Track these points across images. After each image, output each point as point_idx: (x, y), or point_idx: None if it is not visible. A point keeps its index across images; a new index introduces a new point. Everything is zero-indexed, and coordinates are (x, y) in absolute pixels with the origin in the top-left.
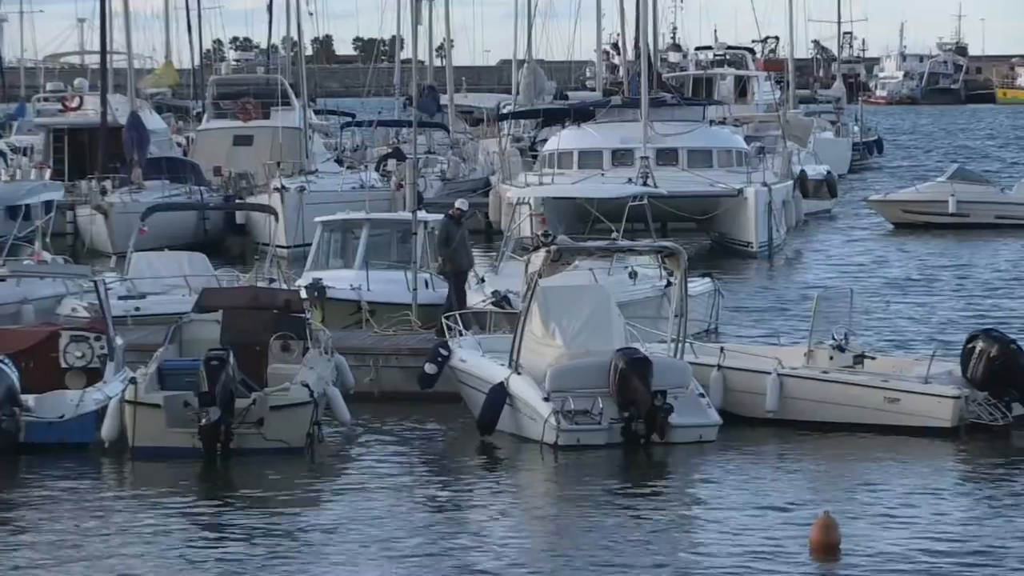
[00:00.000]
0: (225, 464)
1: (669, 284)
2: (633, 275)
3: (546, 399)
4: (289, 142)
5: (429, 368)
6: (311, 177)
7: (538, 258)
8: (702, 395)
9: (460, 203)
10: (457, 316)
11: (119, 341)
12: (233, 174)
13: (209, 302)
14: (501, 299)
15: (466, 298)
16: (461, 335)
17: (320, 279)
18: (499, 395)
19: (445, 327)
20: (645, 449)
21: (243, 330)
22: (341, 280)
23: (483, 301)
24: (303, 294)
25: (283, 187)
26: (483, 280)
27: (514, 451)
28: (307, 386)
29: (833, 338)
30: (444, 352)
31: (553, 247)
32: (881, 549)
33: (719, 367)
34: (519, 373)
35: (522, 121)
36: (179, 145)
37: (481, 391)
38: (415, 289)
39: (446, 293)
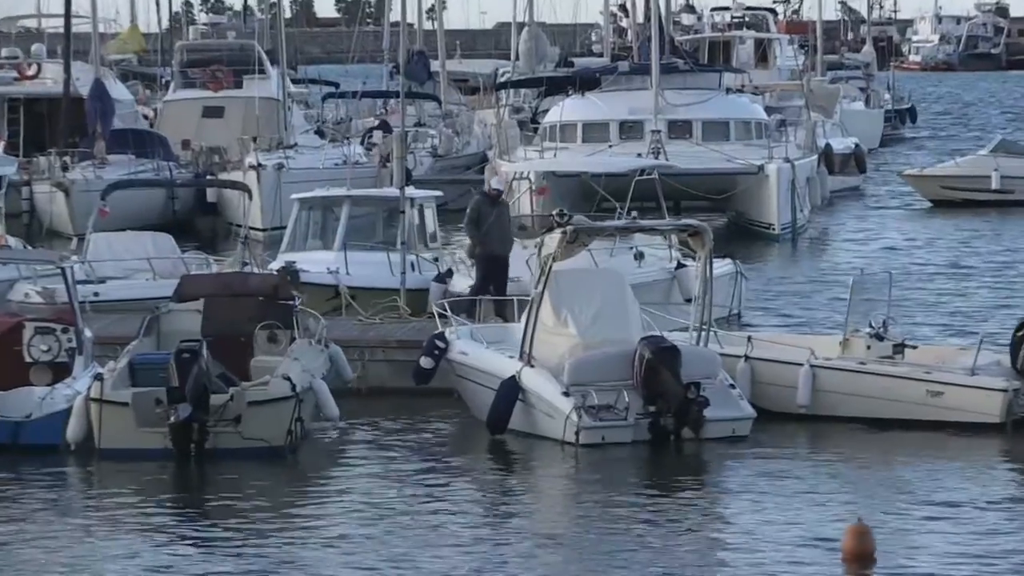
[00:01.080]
0: (200, 466)
1: (680, 266)
2: (639, 256)
3: (565, 394)
4: (266, 114)
5: (425, 362)
6: (290, 152)
7: (553, 239)
8: (732, 386)
9: (496, 182)
10: (446, 304)
11: (88, 333)
12: (204, 149)
13: (189, 290)
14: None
15: (503, 286)
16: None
17: (293, 262)
18: (511, 391)
19: (437, 316)
20: (675, 445)
21: (226, 320)
22: (317, 263)
23: (469, 287)
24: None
25: (259, 164)
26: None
27: (529, 451)
28: (288, 379)
29: (871, 326)
30: (441, 344)
31: (569, 227)
32: (919, 559)
33: (746, 358)
34: (532, 366)
35: (522, 90)
36: (145, 117)
37: (487, 387)
38: (403, 273)
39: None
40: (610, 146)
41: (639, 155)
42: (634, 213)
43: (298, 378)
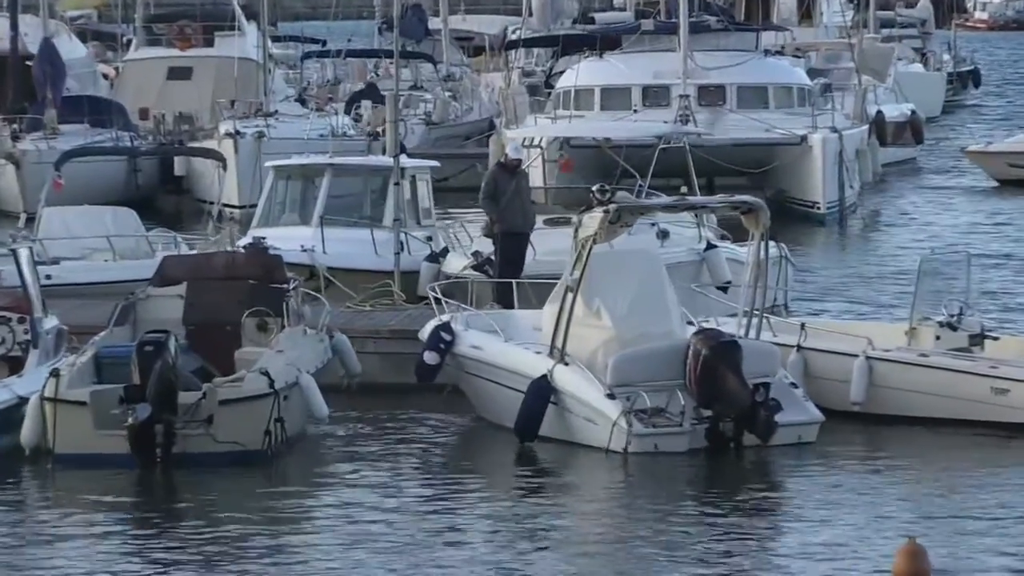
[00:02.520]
0: (166, 473)
1: (710, 247)
2: (663, 235)
3: (610, 396)
4: (243, 76)
5: (429, 357)
6: (271, 120)
7: (593, 219)
8: (794, 384)
9: (512, 150)
10: (437, 289)
11: (52, 323)
12: (165, 117)
13: (171, 272)
14: (484, 262)
15: (519, 267)
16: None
17: (262, 238)
18: (543, 391)
19: (433, 301)
20: (735, 454)
21: (212, 306)
22: (291, 239)
23: (464, 268)
24: None
25: (237, 131)
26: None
27: (565, 461)
28: (266, 374)
29: (944, 313)
30: (446, 336)
31: (612, 205)
32: None
33: (798, 348)
34: (566, 363)
35: (535, 50)
36: (105, 77)
37: (509, 386)
38: (398, 253)
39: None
40: (634, 112)
41: (665, 122)
42: (683, 188)
43: (279, 373)
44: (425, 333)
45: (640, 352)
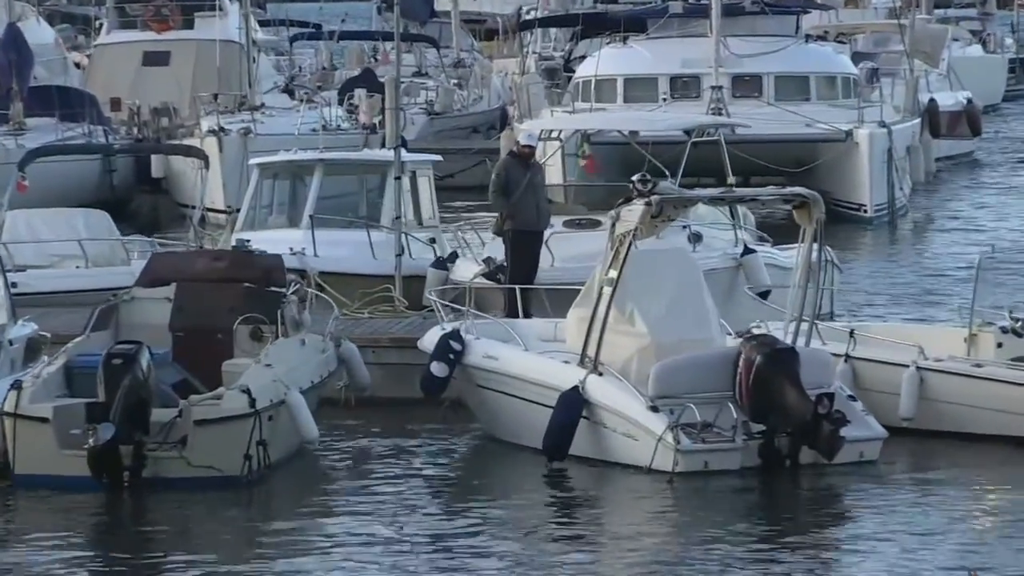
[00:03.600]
0: (136, 499)
1: (748, 251)
2: (695, 238)
3: (653, 408)
4: (225, 63)
5: (437, 368)
6: (258, 115)
7: (633, 213)
8: (852, 397)
9: (526, 137)
10: (444, 293)
11: (25, 330)
12: (140, 109)
13: (160, 272)
14: (496, 268)
15: (534, 268)
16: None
17: (247, 241)
18: (575, 405)
19: (437, 308)
20: (791, 473)
21: (203, 311)
22: (279, 242)
23: (476, 276)
24: None
25: (221, 128)
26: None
27: (601, 483)
28: (247, 392)
29: (1009, 318)
30: (456, 345)
31: (655, 197)
32: None
33: (847, 357)
34: (600, 373)
35: (552, 33)
36: (78, 66)
37: (532, 400)
38: (399, 255)
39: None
40: (664, 100)
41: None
42: (731, 180)
43: (263, 390)
44: (430, 343)
45: (684, 360)
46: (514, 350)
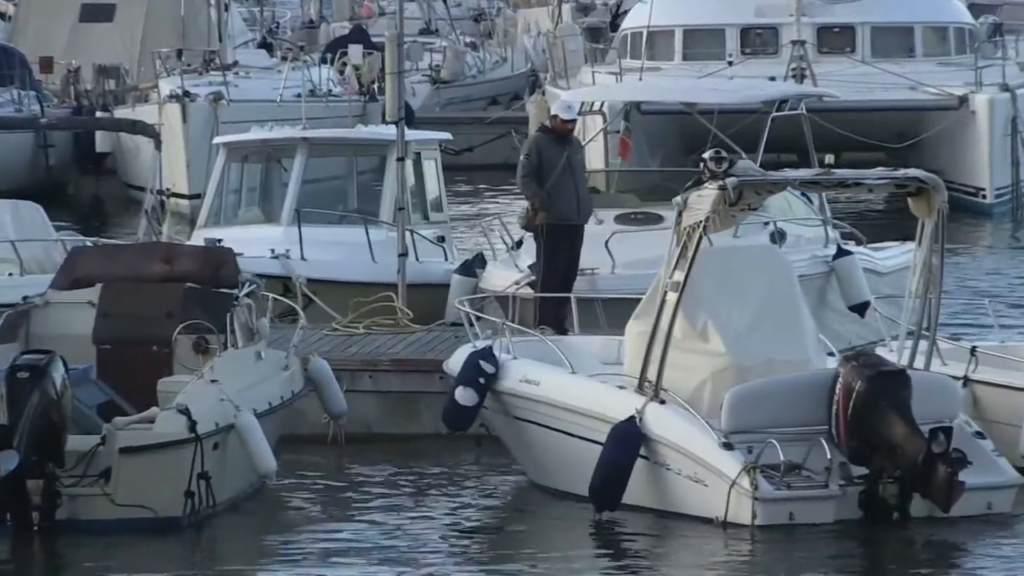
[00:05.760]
0: (45, 546)
1: (842, 253)
2: (778, 236)
3: (727, 445)
4: (189, 16)
5: (464, 396)
6: (231, 76)
7: (704, 198)
8: (980, 433)
9: (562, 109)
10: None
11: None
12: (80, 71)
13: (82, 270)
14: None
15: (572, 272)
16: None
17: (219, 240)
18: (630, 440)
19: (466, 320)
20: (900, 528)
21: (134, 318)
22: (254, 242)
23: (517, 284)
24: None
25: (186, 92)
26: (517, 246)
27: (661, 539)
28: (186, 413)
29: None
30: (488, 367)
31: (731, 179)
32: None
33: (965, 380)
34: (661, 402)
35: None
36: (3, 18)
37: (578, 435)
38: (403, 256)
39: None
40: (730, 62)
41: (772, 78)
42: (828, 158)
43: (207, 411)
44: (456, 364)
45: (767, 386)
46: (559, 373)
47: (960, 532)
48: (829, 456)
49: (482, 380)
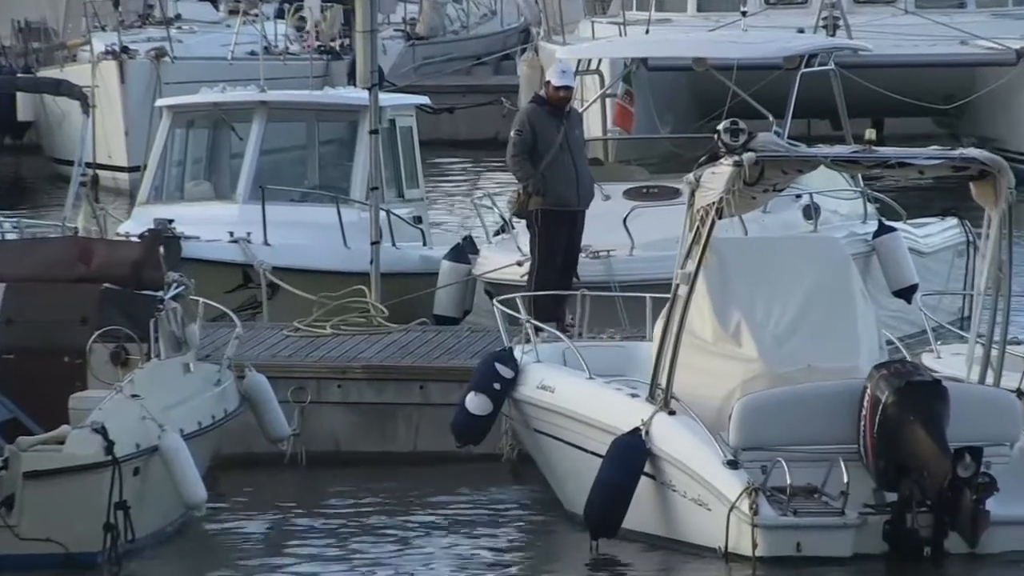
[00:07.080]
0: None
1: (884, 229)
2: (812, 212)
3: (732, 463)
4: None
5: (477, 404)
6: (174, 31)
7: (719, 176)
8: None
9: (558, 75)
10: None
11: None
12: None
13: None
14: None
15: (572, 263)
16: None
17: (168, 220)
18: (633, 456)
19: (499, 316)
20: (929, 567)
21: (41, 324)
22: (207, 223)
23: (519, 262)
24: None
25: (124, 49)
26: (506, 227)
27: (654, 571)
28: (101, 432)
29: None
30: (506, 371)
31: (749, 154)
32: None
33: (1019, 393)
34: (671, 412)
35: None
36: None
37: (584, 448)
38: (376, 243)
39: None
40: (744, 13)
41: (800, 30)
42: (869, 133)
43: (126, 431)
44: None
45: (785, 395)
46: (575, 378)
47: (1000, 570)
48: (846, 479)
49: (498, 386)
